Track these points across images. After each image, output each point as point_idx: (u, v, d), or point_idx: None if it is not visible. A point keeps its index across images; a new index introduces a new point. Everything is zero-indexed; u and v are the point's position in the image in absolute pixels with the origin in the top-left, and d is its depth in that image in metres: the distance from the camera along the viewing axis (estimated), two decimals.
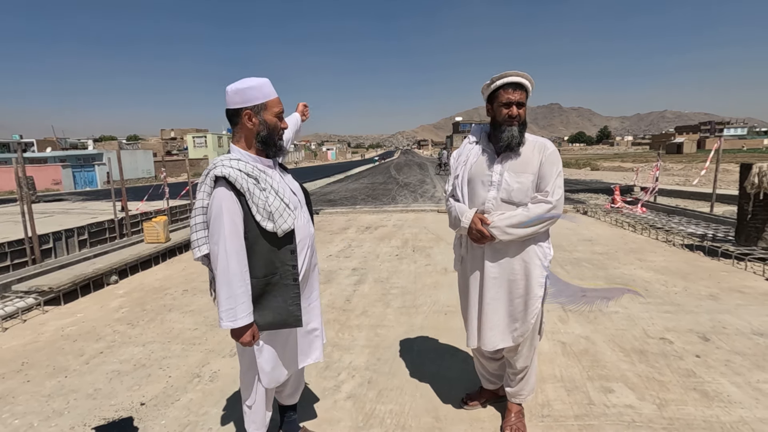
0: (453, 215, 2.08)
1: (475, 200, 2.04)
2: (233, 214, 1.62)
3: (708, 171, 11.87)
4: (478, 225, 1.95)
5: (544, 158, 1.98)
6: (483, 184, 2.01)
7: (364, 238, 7.57)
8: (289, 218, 1.68)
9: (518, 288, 2.03)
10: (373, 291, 4.59)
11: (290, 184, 1.86)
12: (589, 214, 9.35)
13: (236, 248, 1.63)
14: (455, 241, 2.23)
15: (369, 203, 13.09)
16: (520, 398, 2.24)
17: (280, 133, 1.77)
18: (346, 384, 2.74)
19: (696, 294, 4.15)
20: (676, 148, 67.83)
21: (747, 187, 5.36)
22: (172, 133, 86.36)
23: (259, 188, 1.64)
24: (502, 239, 1.93)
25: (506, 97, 1.94)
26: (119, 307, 4.35)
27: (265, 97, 1.70)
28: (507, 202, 1.97)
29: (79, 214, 8.91)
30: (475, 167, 2.04)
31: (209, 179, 1.65)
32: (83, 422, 2.41)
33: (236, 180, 1.61)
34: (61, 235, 6.67)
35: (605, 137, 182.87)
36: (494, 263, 2.02)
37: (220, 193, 1.62)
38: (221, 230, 1.61)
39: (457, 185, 2.09)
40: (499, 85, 1.95)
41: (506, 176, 1.97)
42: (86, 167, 32.37)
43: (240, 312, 1.65)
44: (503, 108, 1.95)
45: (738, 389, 2.52)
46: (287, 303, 1.73)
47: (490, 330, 2.06)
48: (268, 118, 1.71)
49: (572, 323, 3.51)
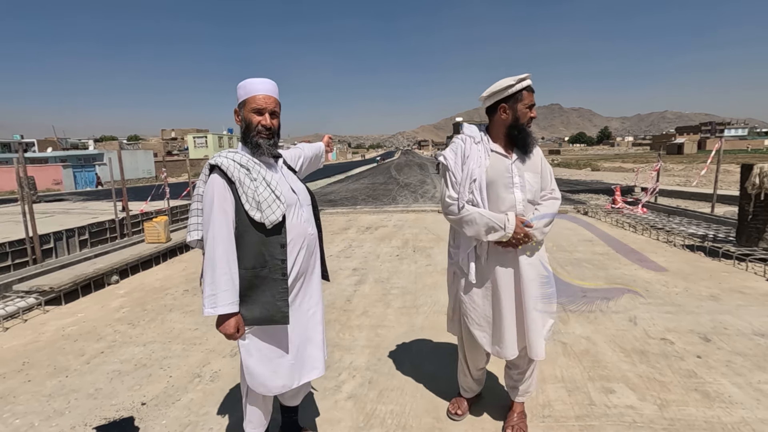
0: (481, 223, 1.90)
1: (498, 204, 1.95)
2: (224, 201, 1.66)
3: (708, 171, 11.86)
4: (524, 229, 1.91)
5: (542, 159, 2.03)
6: (506, 186, 1.95)
7: (364, 238, 7.57)
8: (278, 210, 1.68)
9: (544, 284, 2.01)
10: (373, 291, 4.59)
11: (291, 182, 1.85)
12: (589, 214, 9.34)
13: (223, 236, 1.65)
14: (463, 250, 2.04)
15: (369, 203, 13.09)
16: (528, 395, 2.24)
17: (257, 130, 1.74)
18: (346, 384, 2.74)
19: (697, 294, 4.15)
20: (677, 149, 67.81)
21: (748, 188, 5.36)
22: (173, 133, 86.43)
23: (250, 178, 1.68)
24: (541, 239, 1.97)
25: (530, 99, 1.93)
26: (120, 307, 4.35)
27: (246, 94, 1.75)
28: (531, 203, 1.99)
29: (79, 214, 8.92)
30: (492, 169, 1.96)
31: (206, 168, 1.74)
32: (84, 422, 2.41)
33: (228, 168, 1.67)
34: (61, 235, 6.67)
35: (606, 138, 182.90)
36: (528, 264, 1.97)
37: (212, 180, 1.69)
38: (211, 217, 1.66)
39: (474, 189, 1.95)
40: (525, 86, 1.92)
41: (527, 177, 1.97)
42: (87, 167, 32.41)
43: (221, 300, 1.63)
44: (528, 110, 1.93)
45: (739, 390, 2.52)
46: (275, 298, 1.70)
47: (538, 338, 1.98)
48: (246, 114, 1.75)
49: (573, 324, 3.51)
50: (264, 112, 1.74)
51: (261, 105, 1.73)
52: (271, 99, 1.76)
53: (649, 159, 37.14)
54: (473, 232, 1.94)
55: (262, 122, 1.74)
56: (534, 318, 1.97)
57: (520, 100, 1.92)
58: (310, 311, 1.89)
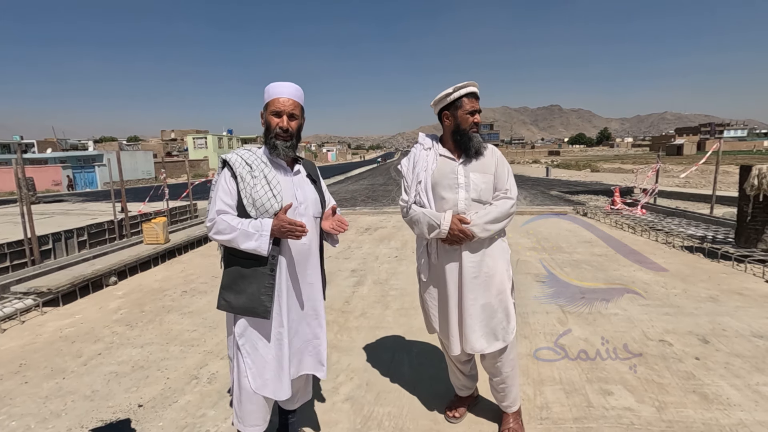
0: (424, 222, 2.05)
1: (442, 204, 2.07)
2: (227, 189, 1.80)
3: (703, 171, 11.87)
4: (459, 225, 1.99)
5: (497, 160, 2.12)
6: (450, 187, 2.06)
7: (363, 239, 7.57)
8: (271, 209, 1.75)
9: (494, 284, 2.06)
10: (372, 292, 4.58)
11: (301, 189, 1.88)
12: (588, 215, 9.35)
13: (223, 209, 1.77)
14: (419, 251, 2.20)
15: (369, 204, 13.09)
16: (515, 406, 2.23)
17: (275, 132, 1.81)
18: (344, 386, 2.74)
19: (696, 296, 4.14)
20: (676, 150, 67.90)
21: (747, 189, 5.36)
22: (173, 134, 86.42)
23: (251, 175, 1.78)
24: (482, 236, 2.01)
25: (471, 105, 2.05)
26: (118, 309, 4.34)
27: (269, 97, 1.83)
28: (477, 202, 2.06)
29: (78, 215, 8.91)
30: (438, 172, 2.09)
31: (219, 161, 1.87)
32: (80, 424, 2.40)
33: (234, 164, 1.80)
34: (60, 236, 6.67)
35: (605, 139, 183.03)
36: (472, 263, 2.04)
37: (222, 174, 1.83)
38: (215, 198, 1.80)
39: (420, 191, 2.10)
40: (463, 94, 2.04)
41: (473, 177, 2.06)
42: (86, 168, 32.40)
43: (261, 228, 1.72)
44: (469, 116, 2.05)
45: (737, 392, 2.51)
46: (260, 292, 1.76)
47: (473, 333, 2.04)
48: (267, 116, 1.84)
49: (571, 325, 3.50)
50: (282, 114, 1.81)
51: (280, 108, 1.80)
52: (290, 102, 1.82)
53: (648, 160, 37.18)
54: (418, 231, 2.09)
55: (280, 124, 1.80)
56: (470, 313, 2.04)
57: (460, 107, 2.05)
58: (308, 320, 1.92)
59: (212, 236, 1.77)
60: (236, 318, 1.82)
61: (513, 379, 2.18)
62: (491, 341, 2.06)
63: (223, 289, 1.83)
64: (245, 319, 1.81)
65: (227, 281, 1.83)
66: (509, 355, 2.13)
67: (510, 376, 2.16)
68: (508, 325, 2.07)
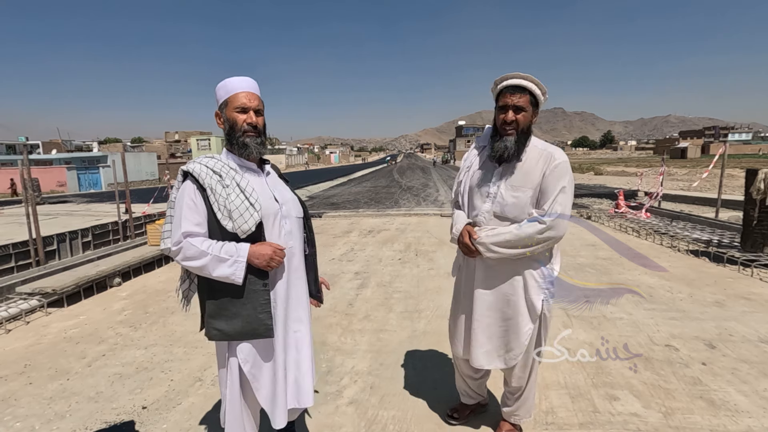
0: (453, 222, 2.00)
1: (472, 213, 1.94)
2: (194, 205, 1.58)
3: (711, 175, 11.80)
4: (465, 238, 1.85)
5: (548, 171, 1.76)
6: (481, 195, 1.89)
7: (366, 241, 7.56)
8: (250, 219, 1.57)
9: (509, 310, 1.88)
10: (375, 295, 4.58)
11: (277, 191, 1.73)
12: (593, 218, 9.31)
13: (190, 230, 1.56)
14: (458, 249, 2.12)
15: (372, 207, 13.08)
16: (515, 418, 2.15)
17: (243, 129, 1.64)
18: (348, 389, 2.73)
19: (701, 300, 4.11)
20: (681, 153, 67.62)
21: (753, 193, 5.32)
22: (176, 135, 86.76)
23: (222, 185, 1.58)
24: (489, 256, 1.80)
25: (503, 100, 1.77)
26: (122, 310, 4.35)
27: (227, 93, 1.66)
28: (500, 217, 1.82)
29: (83, 216, 8.95)
30: (477, 176, 1.93)
31: (179, 174, 1.66)
32: (84, 425, 2.40)
33: (200, 175, 1.58)
34: (65, 237, 6.69)
35: (609, 142, 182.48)
36: (485, 282, 1.90)
37: (183, 187, 1.61)
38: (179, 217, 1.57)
39: (459, 193, 2.03)
40: (502, 87, 1.79)
41: (502, 189, 1.81)
42: (91, 169, 32.56)
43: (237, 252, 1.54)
44: (500, 113, 1.79)
45: (745, 398, 2.49)
46: (257, 311, 1.60)
47: (477, 348, 1.96)
48: (228, 114, 1.65)
49: (576, 329, 3.48)
50: (248, 110, 1.64)
51: (245, 103, 1.63)
52: (254, 96, 1.66)
53: (652, 163, 37.04)
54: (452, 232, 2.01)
55: (248, 120, 1.64)
56: (475, 327, 1.95)
57: (498, 103, 1.82)
58: (295, 333, 1.76)
59: (179, 262, 1.57)
60: (232, 344, 1.65)
61: (522, 395, 2.08)
62: (492, 359, 1.97)
63: (212, 318, 1.63)
64: (247, 343, 1.64)
65: (214, 308, 1.62)
66: (520, 372, 2.00)
67: (519, 390, 2.07)
68: (516, 348, 1.91)
